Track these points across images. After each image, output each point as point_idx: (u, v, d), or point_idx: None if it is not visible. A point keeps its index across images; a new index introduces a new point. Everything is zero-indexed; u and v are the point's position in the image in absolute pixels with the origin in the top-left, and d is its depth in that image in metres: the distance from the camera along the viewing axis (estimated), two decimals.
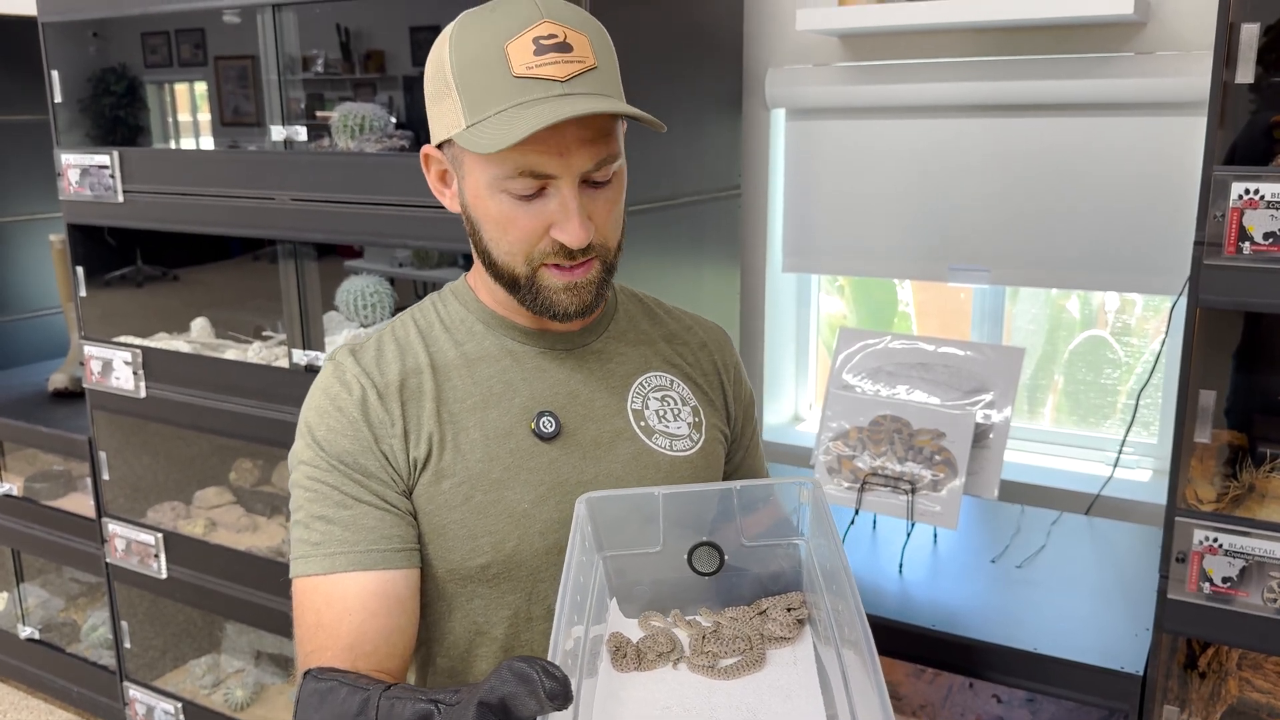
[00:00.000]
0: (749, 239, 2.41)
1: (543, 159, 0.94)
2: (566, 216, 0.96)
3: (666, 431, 1.13)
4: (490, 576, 1.05)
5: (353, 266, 2.34)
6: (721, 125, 2.24)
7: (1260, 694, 1.56)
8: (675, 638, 0.97)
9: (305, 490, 1.03)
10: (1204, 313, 1.36)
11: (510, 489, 1.04)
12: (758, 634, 0.97)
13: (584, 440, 1.08)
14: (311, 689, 0.88)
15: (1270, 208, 1.25)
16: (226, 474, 2.70)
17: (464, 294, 1.13)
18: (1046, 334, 2.37)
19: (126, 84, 2.58)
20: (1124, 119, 1.96)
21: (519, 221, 0.98)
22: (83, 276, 2.47)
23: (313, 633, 0.99)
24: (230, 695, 2.61)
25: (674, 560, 1.01)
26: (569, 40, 0.95)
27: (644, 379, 1.14)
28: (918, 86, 2.12)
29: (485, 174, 0.98)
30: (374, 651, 0.97)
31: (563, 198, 0.96)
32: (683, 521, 1.01)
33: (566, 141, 0.94)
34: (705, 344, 1.22)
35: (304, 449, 1.04)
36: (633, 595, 1.02)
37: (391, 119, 2.12)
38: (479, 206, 1.01)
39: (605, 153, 0.97)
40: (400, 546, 1.02)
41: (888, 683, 1.81)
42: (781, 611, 0.99)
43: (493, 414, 1.06)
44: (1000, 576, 1.76)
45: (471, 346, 1.09)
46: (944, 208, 2.17)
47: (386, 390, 1.04)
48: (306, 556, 1.01)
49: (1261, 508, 1.46)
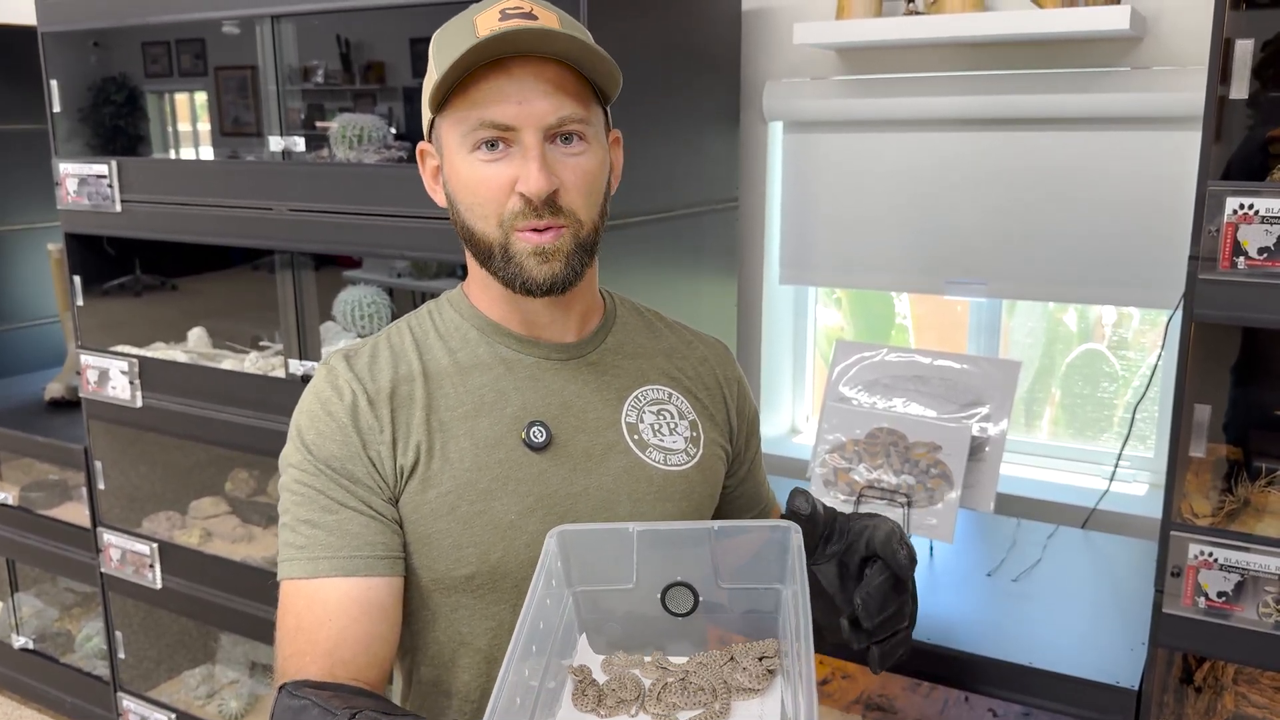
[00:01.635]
0: (746, 251, 2.42)
1: (500, 107, 0.96)
2: (526, 164, 0.98)
3: (661, 445, 1.12)
4: (475, 587, 1.05)
5: (351, 277, 2.34)
6: (719, 138, 2.25)
7: (1256, 709, 1.55)
8: (639, 683, 0.93)
9: (292, 493, 1.03)
10: (1199, 327, 1.36)
11: (498, 499, 1.04)
12: (724, 684, 0.92)
13: (575, 452, 1.07)
14: (285, 706, 0.88)
15: (1265, 222, 1.26)
16: (222, 484, 2.70)
17: (459, 302, 1.13)
18: (1043, 347, 2.38)
19: (127, 94, 2.59)
20: (1120, 133, 1.97)
21: (486, 180, 0.99)
22: (80, 286, 2.47)
23: (292, 636, 0.98)
24: (225, 706, 2.60)
25: (647, 597, 0.97)
26: (535, 11, 0.98)
27: (640, 391, 1.13)
28: (915, 100, 2.12)
29: (455, 137, 1.00)
30: (352, 659, 0.96)
31: (524, 148, 0.98)
32: (657, 558, 0.97)
33: (524, 90, 0.96)
34: (706, 358, 1.21)
35: (293, 452, 1.05)
36: (603, 631, 0.99)
37: (391, 130, 2.12)
38: (454, 179, 1.02)
39: (567, 109, 0.98)
40: (384, 554, 1.01)
41: (884, 696, 1.81)
42: (752, 660, 0.95)
43: (483, 423, 1.06)
44: (996, 590, 1.76)
45: (465, 354, 1.09)
46: (941, 221, 2.17)
47: (377, 396, 1.04)
48: (291, 560, 1.01)
49: (1257, 522, 1.46)
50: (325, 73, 2.34)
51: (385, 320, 2.25)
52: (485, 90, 0.97)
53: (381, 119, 2.11)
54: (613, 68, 1.00)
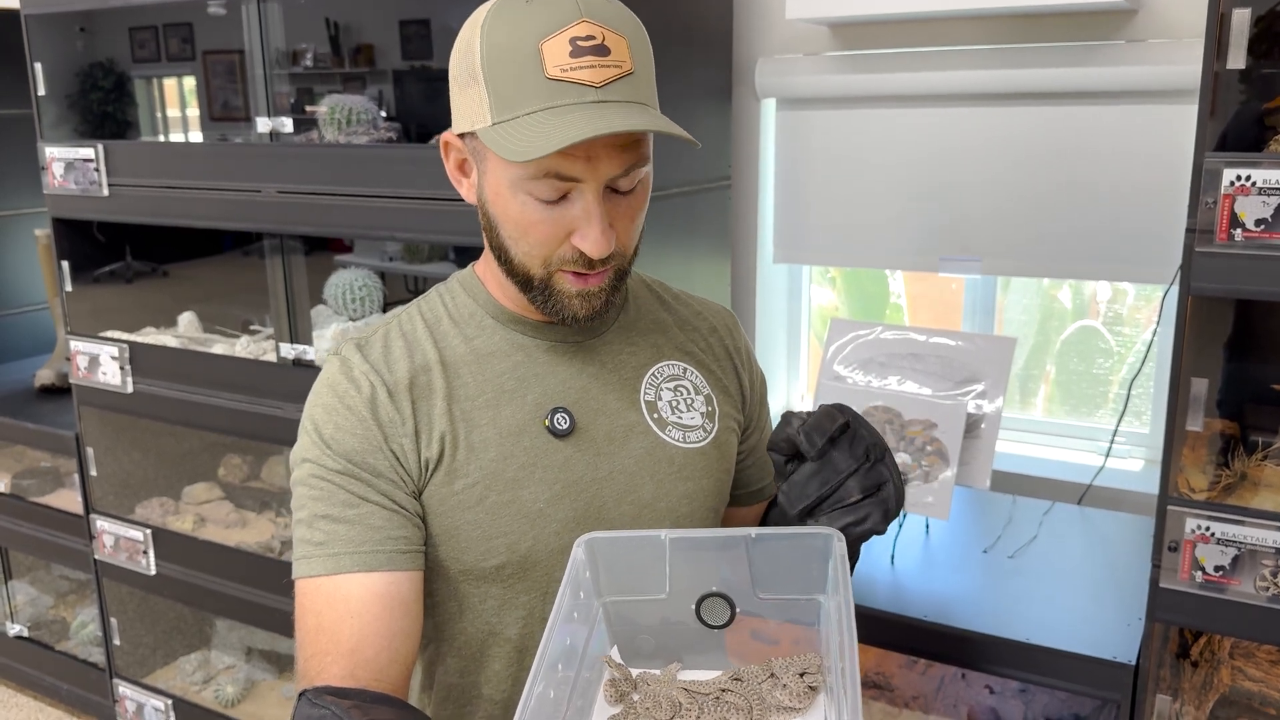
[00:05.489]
0: (740, 230, 2.40)
1: (570, 164, 0.91)
2: (589, 224, 0.94)
3: (680, 423, 1.11)
4: (505, 577, 1.03)
5: (342, 261, 2.32)
6: (711, 116, 2.23)
7: (1253, 683, 1.56)
8: (674, 702, 0.89)
9: (309, 489, 1.00)
10: (1196, 301, 1.35)
11: (525, 488, 1.02)
12: (761, 701, 0.88)
13: (597, 436, 1.06)
14: (305, 715, 0.86)
15: (1262, 194, 1.25)
16: (215, 469, 2.69)
17: (472, 286, 1.09)
18: (1038, 324, 2.37)
19: (114, 79, 2.57)
20: (1115, 107, 1.96)
21: (540, 226, 0.95)
22: (68, 271, 2.45)
23: (313, 636, 0.96)
24: (220, 692, 2.60)
25: (681, 606, 0.93)
26: (607, 43, 0.91)
27: (656, 369, 1.12)
28: (908, 76, 2.11)
29: (508, 173, 0.94)
30: (375, 658, 0.94)
31: (586, 204, 0.93)
32: (691, 565, 0.93)
33: (595, 149, 0.91)
34: (715, 329, 1.20)
35: (309, 446, 1.01)
36: (635, 643, 0.96)
37: (381, 112, 2.10)
38: (499, 204, 0.97)
39: (634, 159, 0.94)
40: (406, 548, 0.99)
41: (880, 674, 1.81)
42: (793, 676, 0.89)
43: (505, 411, 1.04)
44: (992, 567, 1.76)
45: (481, 341, 1.06)
46: (935, 197, 2.16)
47: (396, 388, 1.01)
48: (309, 557, 0.98)
49: (1254, 496, 1.46)
50: (314, 56, 2.32)
51: (376, 303, 2.23)
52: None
53: (371, 101, 2.09)
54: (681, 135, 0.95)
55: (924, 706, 1.78)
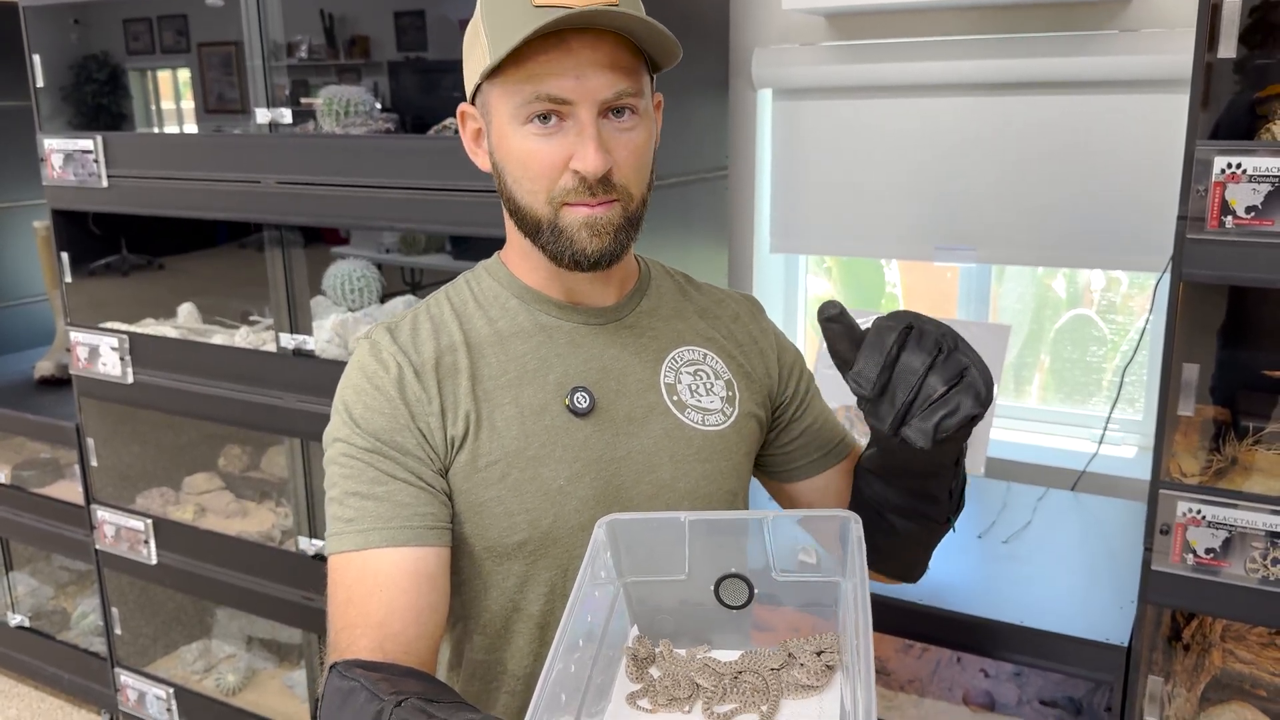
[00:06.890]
0: (736, 220, 2.42)
1: (558, 82, 0.95)
2: (583, 143, 0.97)
3: (699, 406, 1.13)
4: (527, 553, 1.06)
5: (340, 253, 2.33)
6: (708, 106, 2.24)
7: (1243, 664, 1.58)
8: (693, 683, 0.91)
9: (341, 467, 1.03)
10: (1188, 288, 1.37)
11: (546, 466, 1.05)
12: (779, 682, 0.89)
13: (617, 416, 1.08)
14: (335, 687, 0.88)
15: (1252, 181, 1.26)
16: (215, 459, 2.70)
17: (498, 270, 1.13)
18: (1032, 313, 2.39)
19: (109, 71, 2.57)
20: (1109, 96, 1.97)
21: (539, 155, 0.98)
22: (68, 262, 2.45)
23: (344, 609, 0.98)
24: (222, 680, 2.62)
25: (701, 587, 0.95)
26: None
27: (677, 353, 1.14)
28: (904, 66, 2.12)
29: (507, 107, 0.99)
30: (403, 631, 0.96)
31: (580, 124, 0.97)
32: (710, 547, 0.94)
33: (581, 65, 0.95)
34: (739, 315, 1.22)
35: (340, 426, 1.04)
36: (654, 623, 0.98)
37: (377, 104, 2.11)
38: (503, 148, 1.01)
39: (624, 83, 0.97)
40: (433, 524, 1.02)
41: (876, 658, 1.83)
42: (810, 656, 0.91)
43: (527, 390, 1.06)
44: (987, 552, 1.77)
45: (505, 323, 1.09)
46: (930, 187, 2.18)
47: (423, 368, 1.04)
48: (340, 533, 1.01)
49: (1245, 480, 1.48)
50: (309, 48, 2.33)
51: (375, 293, 2.24)
52: (541, 63, 0.95)
53: (367, 92, 2.10)
54: (672, 44, 0.99)
55: (920, 690, 1.80)
